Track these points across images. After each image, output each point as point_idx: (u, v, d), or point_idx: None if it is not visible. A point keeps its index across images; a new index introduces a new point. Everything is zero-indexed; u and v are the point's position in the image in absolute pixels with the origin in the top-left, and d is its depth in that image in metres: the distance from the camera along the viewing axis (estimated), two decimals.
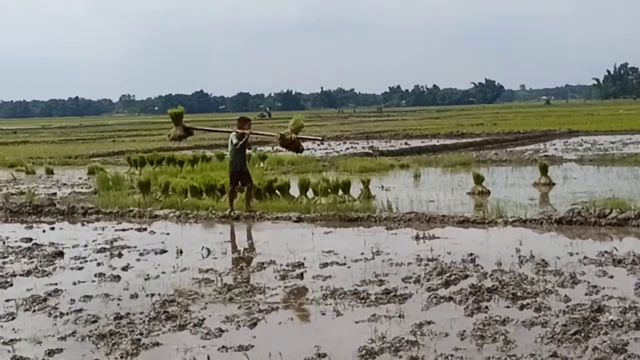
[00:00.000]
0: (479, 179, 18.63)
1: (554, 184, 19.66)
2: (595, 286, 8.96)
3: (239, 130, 15.99)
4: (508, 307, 8.31)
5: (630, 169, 22.63)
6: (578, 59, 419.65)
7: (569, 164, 25.81)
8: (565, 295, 8.58)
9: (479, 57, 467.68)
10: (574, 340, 7.03)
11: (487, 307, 8.26)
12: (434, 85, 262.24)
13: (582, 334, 7.15)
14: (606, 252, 10.81)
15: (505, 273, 9.72)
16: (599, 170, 23.64)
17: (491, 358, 6.66)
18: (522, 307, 8.25)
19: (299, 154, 18.20)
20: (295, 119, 16.12)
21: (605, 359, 6.57)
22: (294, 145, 16.08)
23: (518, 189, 18.79)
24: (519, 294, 8.71)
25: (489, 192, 18.22)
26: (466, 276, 9.67)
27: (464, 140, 40.12)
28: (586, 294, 8.66)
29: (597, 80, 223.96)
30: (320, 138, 21.84)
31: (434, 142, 39.72)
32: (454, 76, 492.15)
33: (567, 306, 8.13)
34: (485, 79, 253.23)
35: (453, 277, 9.59)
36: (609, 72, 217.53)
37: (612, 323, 7.46)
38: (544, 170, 20.13)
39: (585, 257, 10.56)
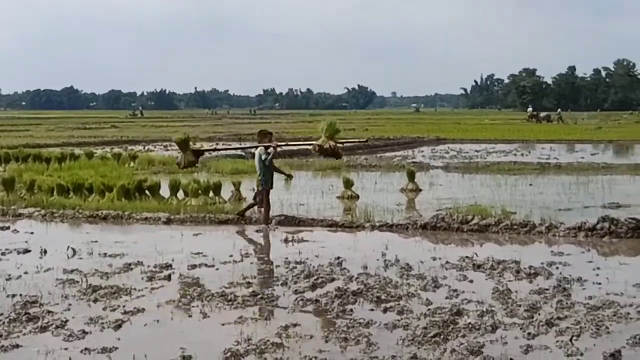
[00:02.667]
0: (348, 184, 18.95)
1: (420, 190, 20.15)
2: (455, 290, 9.29)
3: (266, 144, 14.98)
4: (372, 310, 8.52)
5: (492, 177, 23.45)
6: (447, 69, 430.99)
7: (435, 170, 26.49)
8: (427, 299, 8.86)
9: (353, 63, 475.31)
10: (433, 342, 7.27)
11: (351, 310, 8.45)
12: (308, 89, 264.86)
13: (442, 337, 7.40)
14: (467, 257, 11.18)
15: (370, 277, 9.94)
16: (464, 178, 24.34)
17: None
18: (385, 310, 8.46)
19: (338, 159, 18.23)
20: (327, 123, 14.79)
21: None
22: (333, 152, 14.96)
23: (386, 194, 19.19)
24: (383, 297, 8.93)
25: (358, 197, 18.55)
26: (332, 279, 9.84)
27: None
28: (447, 298, 8.97)
29: (465, 90, 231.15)
30: (364, 140, 22.12)
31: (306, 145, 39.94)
32: (328, 81, 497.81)
33: (428, 309, 8.39)
34: (358, 85, 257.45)
35: (320, 280, 9.74)
36: (476, 82, 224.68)
37: (470, 326, 7.75)
38: (411, 176, 20.62)
39: (447, 262, 10.92)
